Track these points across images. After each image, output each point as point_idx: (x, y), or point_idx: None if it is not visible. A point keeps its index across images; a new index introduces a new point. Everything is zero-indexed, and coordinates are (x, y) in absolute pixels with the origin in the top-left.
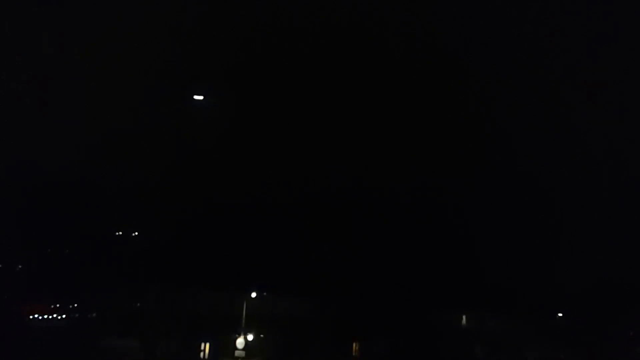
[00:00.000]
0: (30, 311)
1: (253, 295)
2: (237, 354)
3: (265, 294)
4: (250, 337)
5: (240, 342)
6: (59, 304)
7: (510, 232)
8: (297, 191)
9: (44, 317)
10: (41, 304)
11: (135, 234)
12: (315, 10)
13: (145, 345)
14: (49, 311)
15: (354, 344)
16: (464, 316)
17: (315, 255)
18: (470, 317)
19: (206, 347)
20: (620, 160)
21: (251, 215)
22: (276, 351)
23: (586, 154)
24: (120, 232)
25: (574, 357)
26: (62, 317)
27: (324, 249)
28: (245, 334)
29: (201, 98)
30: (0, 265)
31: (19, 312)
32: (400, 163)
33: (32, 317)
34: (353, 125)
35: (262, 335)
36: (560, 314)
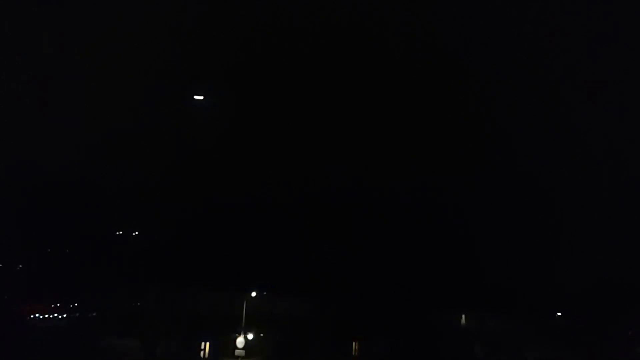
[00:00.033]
0: (30, 311)
1: (253, 295)
2: (237, 353)
3: (265, 294)
4: (250, 336)
5: (240, 342)
6: (59, 304)
7: (510, 232)
8: (297, 191)
9: (44, 317)
10: (41, 304)
11: (135, 234)
12: (315, 10)
13: (145, 345)
14: (49, 311)
15: (354, 344)
16: (464, 316)
17: (315, 255)
18: (470, 317)
19: (206, 347)
20: (620, 160)
21: (251, 215)
22: (276, 351)
23: (586, 154)
24: (120, 232)
25: (574, 357)
26: (62, 317)
27: (324, 249)
28: (245, 334)
29: (201, 98)
30: (0, 265)
31: (19, 312)
32: (400, 163)
33: (32, 317)
34: (353, 125)
35: (262, 335)
36: (560, 314)
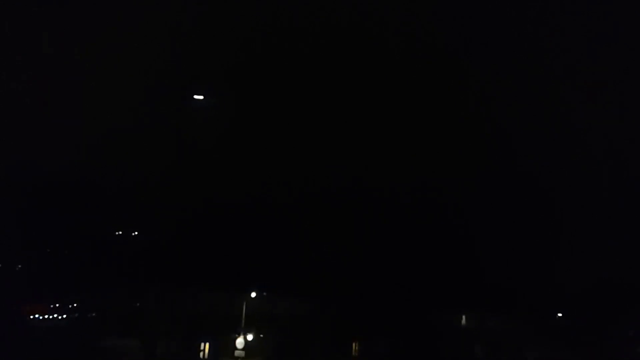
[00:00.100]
0: (30, 311)
1: (253, 295)
2: (237, 353)
3: (265, 294)
4: (250, 337)
5: (240, 342)
6: (59, 304)
7: (510, 232)
8: (297, 191)
9: (44, 317)
10: (41, 304)
11: (135, 234)
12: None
13: (145, 345)
14: (49, 311)
15: (354, 344)
16: (464, 316)
17: (315, 255)
18: (470, 317)
19: (206, 347)
20: (620, 160)
21: (251, 215)
22: (276, 351)
23: (586, 154)
24: (120, 232)
25: (574, 357)
26: (62, 317)
27: (324, 249)
28: (245, 334)
29: (201, 98)
30: (0, 265)
31: (19, 312)
32: (400, 163)
33: (32, 317)
34: (353, 125)
35: (261, 335)
36: (560, 314)
